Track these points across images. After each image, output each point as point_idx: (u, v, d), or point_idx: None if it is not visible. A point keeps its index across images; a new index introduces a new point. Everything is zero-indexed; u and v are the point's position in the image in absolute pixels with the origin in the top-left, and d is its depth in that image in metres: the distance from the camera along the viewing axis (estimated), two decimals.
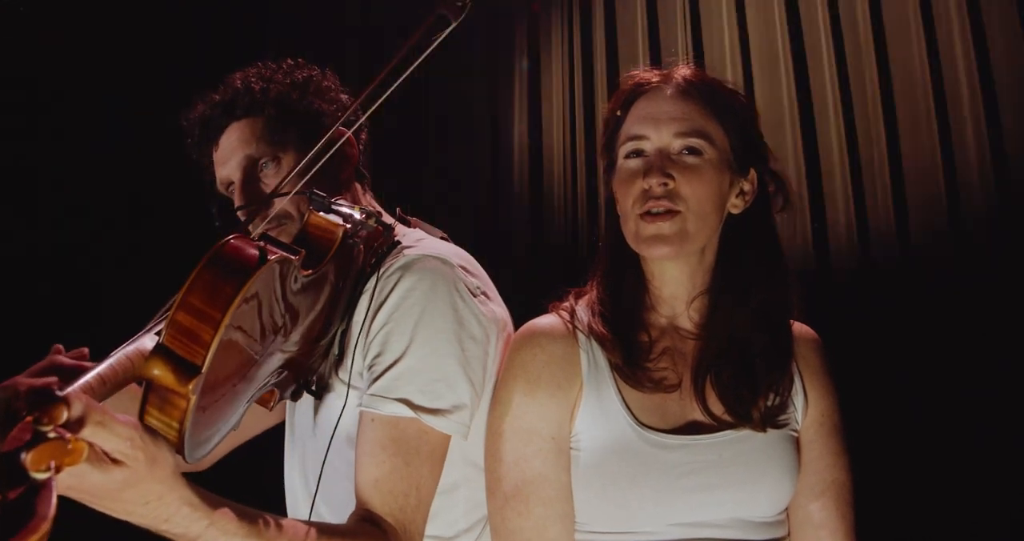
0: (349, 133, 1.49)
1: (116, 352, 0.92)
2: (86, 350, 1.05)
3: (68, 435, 0.73)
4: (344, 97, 1.53)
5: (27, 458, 0.68)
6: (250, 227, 1.40)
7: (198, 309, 0.90)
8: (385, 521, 1.16)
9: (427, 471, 1.21)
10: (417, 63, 1.05)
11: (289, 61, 1.51)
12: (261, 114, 1.41)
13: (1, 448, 0.70)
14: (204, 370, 0.88)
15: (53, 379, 0.88)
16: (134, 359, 0.92)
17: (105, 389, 0.87)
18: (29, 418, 0.72)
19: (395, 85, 1.07)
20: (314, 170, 1.26)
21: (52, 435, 0.71)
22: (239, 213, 1.41)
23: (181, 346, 0.89)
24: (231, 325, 0.91)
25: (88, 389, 0.85)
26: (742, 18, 2.48)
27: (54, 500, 0.69)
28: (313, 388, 1.31)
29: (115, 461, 0.83)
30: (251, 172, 1.41)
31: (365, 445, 1.20)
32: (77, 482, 0.81)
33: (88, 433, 0.78)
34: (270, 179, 1.40)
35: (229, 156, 1.43)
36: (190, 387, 0.87)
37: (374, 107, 1.12)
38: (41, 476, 0.69)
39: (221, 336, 0.89)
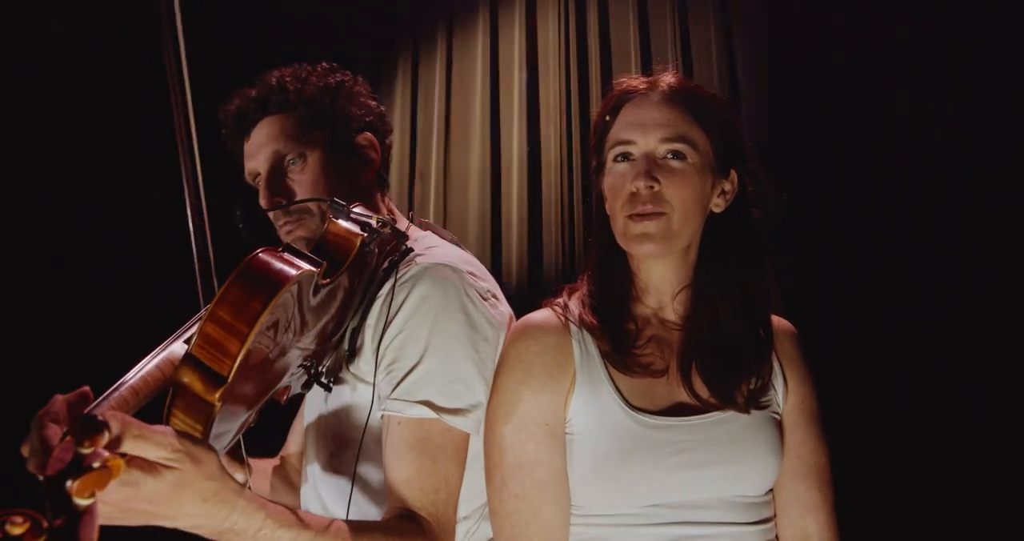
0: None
1: (146, 361, 0.96)
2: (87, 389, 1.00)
3: (107, 455, 0.74)
4: (372, 104, 1.58)
5: (73, 487, 0.70)
6: (271, 215, 1.45)
7: (226, 322, 0.94)
8: (420, 515, 1.20)
9: (453, 467, 1.25)
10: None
11: (324, 64, 1.55)
12: (293, 111, 1.46)
13: (45, 472, 0.72)
14: (230, 380, 0.92)
15: (86, 388, 0.90)
16: (164, 369, 0.96)
17: (138, 399, 0.92)
18: (70, 438, 0.74)
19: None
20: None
21: (96, 464, 0.73)
22: (262, 204, 1.46)
23: (209, 356, 0.93)
24: (256, 337, 0.94)
25: (123, 402, 0.89)
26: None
27: (96, 525, 0.71)
28: (323, 381, 1.35)
29: (164, 466, 0.85)
30: (278, 166, 1.46)
31: (393, 447, 1.24)
32: (134, 491, 0.83)
33: (128, 447, 0.80)
34: (296, 175, 1.46)
35: (258, 149, 1.48)
36: (217, 396, 0.92)
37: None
38: (85, 503, 0.71)
39: (247, 349, 0.93)
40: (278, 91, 1.48)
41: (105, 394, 0.90)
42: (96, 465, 0.73)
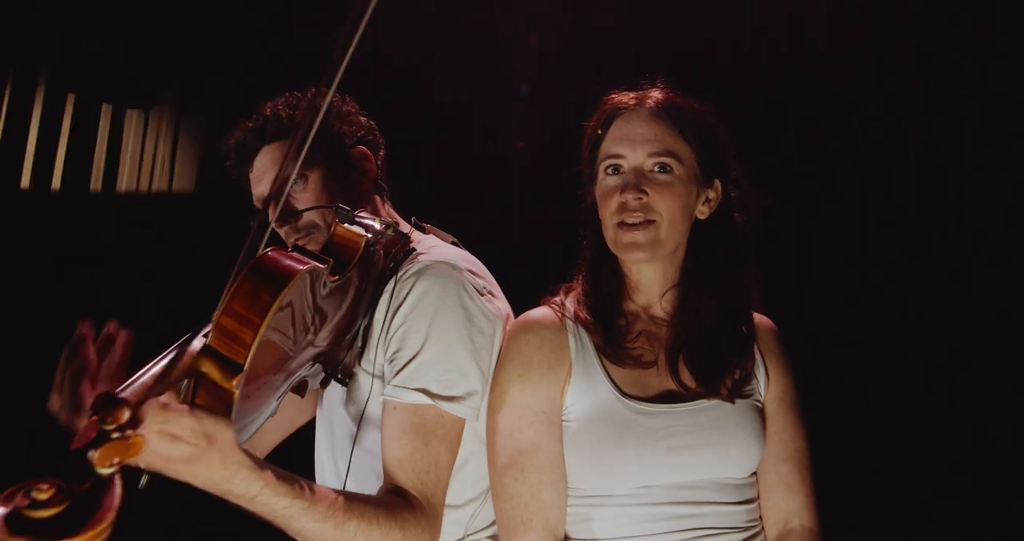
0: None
1: (168, 353, 1.03)
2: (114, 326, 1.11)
3: (129, 432, 0.79)
4: (363, 119, 1.68)
5: (94, 456, 0.75)
6: (282, 233, 1.55)
7: (240, 314, 1.00)
8: (411, 494, 1.28)
9: (444, 450, 1.33)
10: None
11: (312, 90, 1.62)
12: (288, 138, 1.55)
13: (72, 446, 0.78)
14: (246, 368, 0.98)
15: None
16: (185, 359, 1.02)
17: (161, 386, 0.98)
18: (95, 417, 0.79)
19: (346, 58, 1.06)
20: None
21: (115, 435, 0.77)
22: (273, 225, 1.52)
23: (226, 347, 0.99)
24: (269, 327, 1.01)
25: (146, 388, 0.96)
26: None
27: (118, 493, 0.75)
28: (339, 377, 1.43)
29: (182, 439, 0.93)
30: (282, 189, 1.53)
31: (389, 430, 1.33)
32: (155, 449, 0.90)
33: (150, 427, 0.86)
34: (299, 193, 1.55)
35: (262, 175, 1.58)
36: (234, 382, 0.98)
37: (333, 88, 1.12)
38: (106, 472, 0.75)
39: (260, 338, 0.99)
40: (273, 120, 1.58)
41: (128, 381, 0.97)
42: (115, 436, 0.77)
